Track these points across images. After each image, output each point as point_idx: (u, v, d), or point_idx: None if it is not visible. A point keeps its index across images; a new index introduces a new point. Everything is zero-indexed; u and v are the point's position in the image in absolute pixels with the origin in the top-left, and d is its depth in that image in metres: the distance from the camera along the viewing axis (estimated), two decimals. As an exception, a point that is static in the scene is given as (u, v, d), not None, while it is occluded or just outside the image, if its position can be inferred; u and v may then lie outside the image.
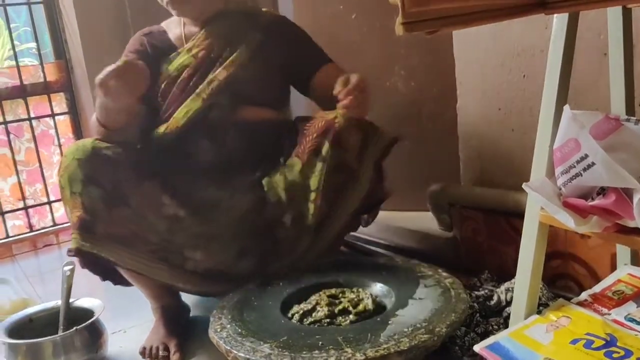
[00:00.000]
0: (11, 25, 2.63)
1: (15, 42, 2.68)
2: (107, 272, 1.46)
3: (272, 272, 1.43)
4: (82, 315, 1.44)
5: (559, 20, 0.96)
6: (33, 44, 2.79)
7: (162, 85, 1.57)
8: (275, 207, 1.45)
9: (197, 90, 1.53)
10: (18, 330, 1.42)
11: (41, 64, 2.59)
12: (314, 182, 1.41)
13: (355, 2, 1.98)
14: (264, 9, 1.72)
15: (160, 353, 1.42)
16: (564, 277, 1.44)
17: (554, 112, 0.95)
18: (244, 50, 1.57)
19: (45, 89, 2.59)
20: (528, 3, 0.95)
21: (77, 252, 1.35)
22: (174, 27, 1.67)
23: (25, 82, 2.53)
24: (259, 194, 1.48)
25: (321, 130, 1.42)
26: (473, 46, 1.60)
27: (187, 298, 1.67)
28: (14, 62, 2.58)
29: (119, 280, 1.52)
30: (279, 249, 1.47)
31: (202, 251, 1.43)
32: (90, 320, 1.39)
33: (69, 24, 2.54)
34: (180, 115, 1.52)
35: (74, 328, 1.36)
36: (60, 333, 1.39)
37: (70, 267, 1.44)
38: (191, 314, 1.66)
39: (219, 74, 1.54)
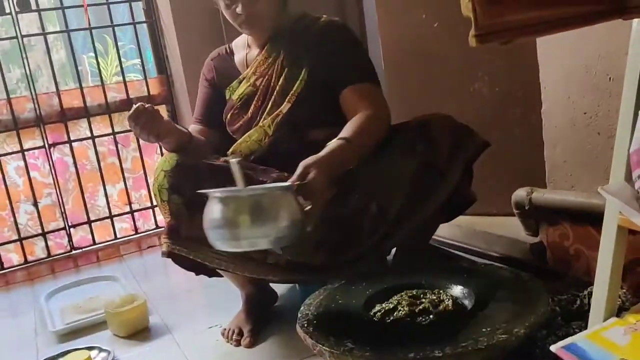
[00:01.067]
0: (118, 44, 2.87)
1: (122, 59, 2.91)
2: (198, 267, 1.57)
3: (357, 272, 1.48)
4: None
5: (637, 25, 0.97)
6: (137, 61, 3.02)
7: (228, 116, 1.66)
8: (359, 198, 1.48)
9: (261, 123, 1.60)
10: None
11: (145, 78, 2.81)
12: (399, 174, 1.46)
13: (437, 11, 2.01)
14: (318, 16, 1.67)
15: (234, 337, 1.57)
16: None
17: (633, 116, 0.95)
18: (300, 72, 1.57)
19: (149, 101, 2.77)
20: (605, 9, 0.96)
21: (168, 255, 1.50)
22: (240, 48, 1.72)
23: (131, 96, 2.75)
24: (340, 185, 1.46)
25: (415, 127, 1.49)
26: (557, 49, 1.59)
27: (278, 287, 1.78)
28: (121, 78, 2.81)
29: (211, 273, 1.63)
30: (357, 238, 1.50)
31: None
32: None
33: (169, 41, 2.74)
34: (243, 145, 1.62)
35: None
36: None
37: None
38: (281, 303, 1.77)
39: (284, 107, 1.57)
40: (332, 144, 1.39)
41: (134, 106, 1.44)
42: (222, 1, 1.57)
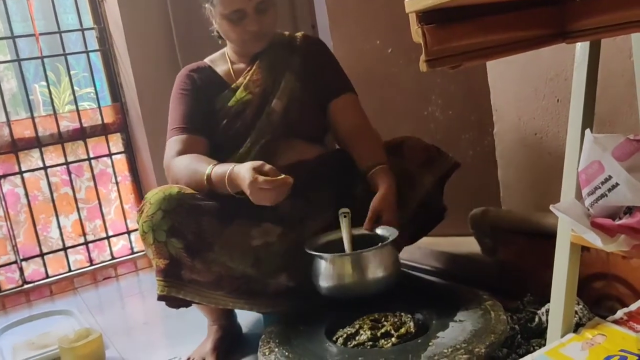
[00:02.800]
0: (71, 72, 2.82)
1: (75, 88, 2.86)
2: (185, 304, 1.48)
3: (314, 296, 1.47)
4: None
5: (581, 48, 1.01)
6: (91, 89, 2.97)
7: (224, 122, 1.61)
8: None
9: (259, 125, 1.59)
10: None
11: (99, 107, 2.76)
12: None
13: (391, 37, 2.06)
14: (298, 33, 1.76)
15: None
16: (608, 299, 1.43)
17: (580, 136, 0.98)
18: (289, 77, 1.64)
19: (103, 130, 2.75)
20: (548, 34, 0.99)
21: (163, 298, 1.42)
22: (220, 63, 1.70)
23: (84, 125, 2.70)
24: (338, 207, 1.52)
25: (388, 147, 1.60)
26: (506, 73, 1.64)
27: (241, 316, 1.75)
28: (74, 107, 2.76)
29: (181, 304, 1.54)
30: None
31: (286, 272, 1.47)
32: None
33: (123, 69, 2.71)
34: (245, 151, 1.59)
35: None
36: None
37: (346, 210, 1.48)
38: (243, 332, 1.75)
39: (275, 105, 1.61)
40: (380, 173, 1.49)
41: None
42: (227, 18, 1.56)
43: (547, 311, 1.33)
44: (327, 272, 1.38)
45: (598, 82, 1.02)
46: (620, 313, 1.04)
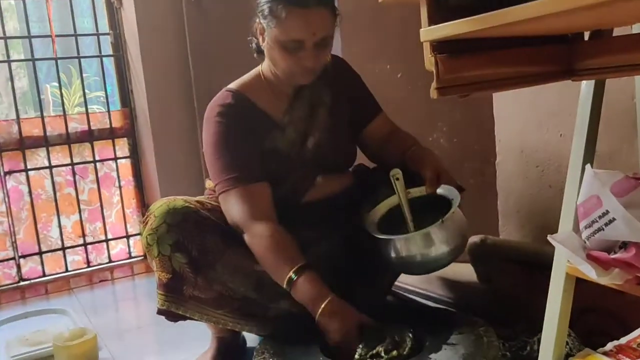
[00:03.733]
0: (83, 75, 2.86)
1: (86, 91, 2.90)
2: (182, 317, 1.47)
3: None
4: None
5: (586, 86, 1.04)
6: (102, 93, 3.01)
7: (274, 164, 1.51)
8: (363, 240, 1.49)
9: (295, 161, 1.54)
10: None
11: (108, 111, 2.80)
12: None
13: (401, 62, 2.10)
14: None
15: None
16: (599, 332, 1.45)
17: (580, 170, 1.01)
18: (324, 112, 1.57)
19: (110, 134, 2.79)
20: (556, 70, 1.03)
21: (163, 312, 1.42)
22: (259, 93, 1.54)
23: (92, 127, 2.74)
24: (349, 233, 1.52)
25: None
26: (512, 105, 1.67)
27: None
28: (83, 109, 2.80)
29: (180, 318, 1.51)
30: (368, 281, 1.53)
31: (288, 298, 1.38)
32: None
33: (135, 75, 2.76)
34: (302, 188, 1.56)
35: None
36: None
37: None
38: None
39: (310, 142, 1.54)
40: (418, 149, 1.55)
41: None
42: (282, 45, 1.40)
43: (539, 340, 1.34)
44: (397, 254, 1.40)
45: (601, 120, 1.05)
46: (610, 345, 1.06)
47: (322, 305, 1.28)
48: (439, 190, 1.44)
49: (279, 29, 1.38)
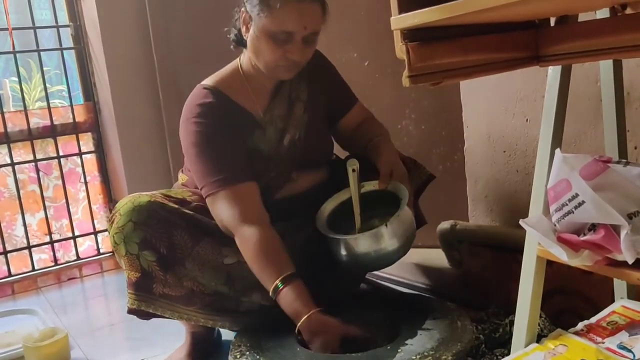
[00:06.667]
0: (43, 69, 2.79)
1: (47, 85, 2.82)
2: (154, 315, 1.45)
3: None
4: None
5: (553, 72, 1.06)
6: (63, 87, 2.94)
7: (254, 162, 1.49)
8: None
9: (281, 157, 1.53)
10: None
11: (71, 105, 2.73)
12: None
13: (368, 51, 2.10)
14: None
15: None
16: (568, 313, 1.49)
17: (549, 155, 1.03)
18: (299, 107, 1.56)
19: (74, 129, 2.73)
20: (524, 57, 1.05)
21: (133, 311, 1.40)
22: (238, 90, 1.51)
23: (55, 122, 2.67)
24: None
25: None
26: (478, 92, 1.69)
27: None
28: (45, 104, 2.72)
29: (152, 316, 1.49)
30: (337, 273, 1.52)
31: (260, 291, 1.40)
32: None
33: (98, 68, 2.70)
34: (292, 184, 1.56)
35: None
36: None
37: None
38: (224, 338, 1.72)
39: (287, 138, 1.53)
40: (380, 141, 1.55)
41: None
42: (270, 36, 1.38)
43: (511, 322, 1.37)
44: (343, 253, 1.40)
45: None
46: (580, 325, 1.08)
47: (303, 319, 1.28)
48: (389, 187, 1.46)
49: (270, 19, 1.35)
